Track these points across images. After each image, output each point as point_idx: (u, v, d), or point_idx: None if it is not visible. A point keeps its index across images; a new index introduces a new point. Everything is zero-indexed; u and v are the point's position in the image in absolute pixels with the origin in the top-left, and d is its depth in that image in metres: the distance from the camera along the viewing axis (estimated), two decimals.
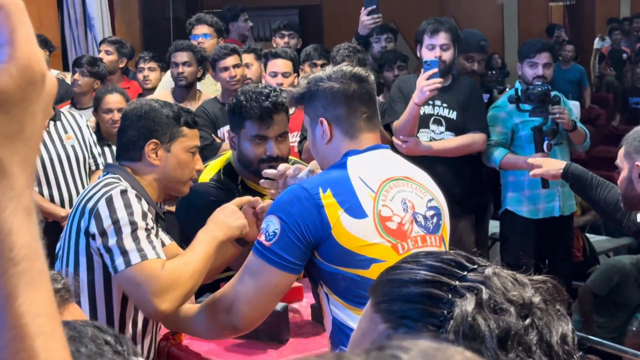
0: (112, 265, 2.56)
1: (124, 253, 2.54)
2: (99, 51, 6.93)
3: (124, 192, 2.61)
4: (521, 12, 13.71)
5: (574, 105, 6.14)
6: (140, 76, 6.51)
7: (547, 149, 4.77)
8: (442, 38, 4.84)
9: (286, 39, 6.65)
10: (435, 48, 4.82)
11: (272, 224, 2.36)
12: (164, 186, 2.84)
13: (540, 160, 3.79)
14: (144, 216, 2.60)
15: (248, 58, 5.62)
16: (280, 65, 5.21)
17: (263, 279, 2.36)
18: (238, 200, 2.88)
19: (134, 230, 2.55)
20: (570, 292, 5.49)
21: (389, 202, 2.40)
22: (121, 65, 6.94)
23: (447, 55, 4.85)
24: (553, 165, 3.63)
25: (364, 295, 2.31)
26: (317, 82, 2.50)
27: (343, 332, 2.35)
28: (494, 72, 6.24)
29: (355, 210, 2.35)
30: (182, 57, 5.54)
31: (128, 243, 2.54)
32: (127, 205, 2.58)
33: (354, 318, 2.34)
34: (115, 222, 2.56)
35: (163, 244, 2.85)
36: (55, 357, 0.72)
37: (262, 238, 2.37)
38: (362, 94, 2.49)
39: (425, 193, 2.51)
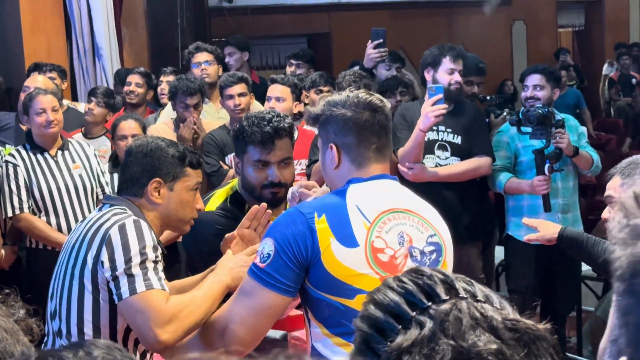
0: (117, 292, 2.57)
1: (130, 281, 2.55)
2: (129, 83, 6.66)
3: (136, 222, 2.63)
4: (530, 38, 13.75)
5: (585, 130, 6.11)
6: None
7: (548, 172, 4.74)
8: (461, 64, 4.92)
9: (293, 68, 6.68)
10: (454, 72, 4.89)
11: (267, 246, 2.36)
12: (165, 224, 2.86)
13: (537, 222, 3.72)
14: (155, 249, 2.62)
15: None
16: (275, 90, 5.24)
17: (257, 301, 2.36)
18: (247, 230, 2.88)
19: (143, 261, 2.57)
20: (580, 315, 5.45)
21: (384, 234, 2.37)
22: (148, 98, 6.77)
23: (461, 80, 4.96)
24: (548, 228, 3.57)
25: (345, 324, 2.30)
26: (332, 107, 2.48)
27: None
28: (493, 96, 6.25)
29: (347, 238, 2.33)
30: (192, 100, 5.33)
31: (135, 272, 2.55)
32: (140, 236, 2.60)
33: (331, 347, 2.35)
34: (126, 252, 2.57)
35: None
36: None
37: (257, 260, 2.37)
38: (374, 124, 2.46)
39: (427, 228, 2.47)
